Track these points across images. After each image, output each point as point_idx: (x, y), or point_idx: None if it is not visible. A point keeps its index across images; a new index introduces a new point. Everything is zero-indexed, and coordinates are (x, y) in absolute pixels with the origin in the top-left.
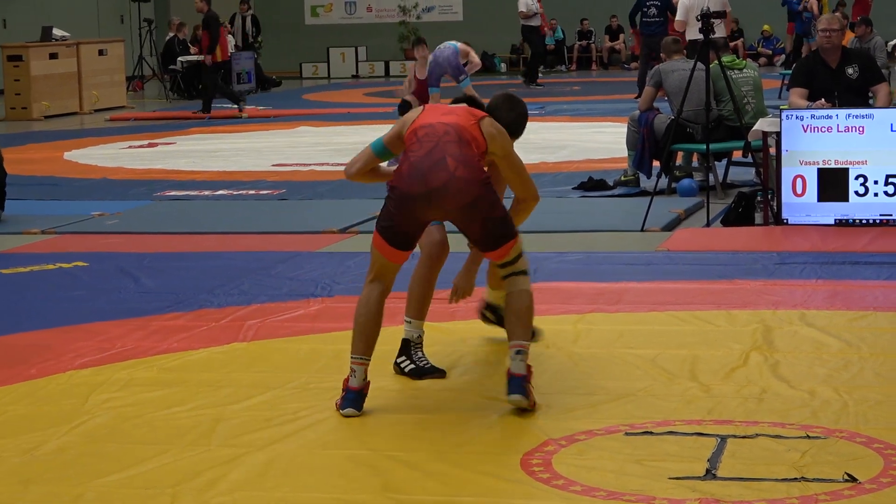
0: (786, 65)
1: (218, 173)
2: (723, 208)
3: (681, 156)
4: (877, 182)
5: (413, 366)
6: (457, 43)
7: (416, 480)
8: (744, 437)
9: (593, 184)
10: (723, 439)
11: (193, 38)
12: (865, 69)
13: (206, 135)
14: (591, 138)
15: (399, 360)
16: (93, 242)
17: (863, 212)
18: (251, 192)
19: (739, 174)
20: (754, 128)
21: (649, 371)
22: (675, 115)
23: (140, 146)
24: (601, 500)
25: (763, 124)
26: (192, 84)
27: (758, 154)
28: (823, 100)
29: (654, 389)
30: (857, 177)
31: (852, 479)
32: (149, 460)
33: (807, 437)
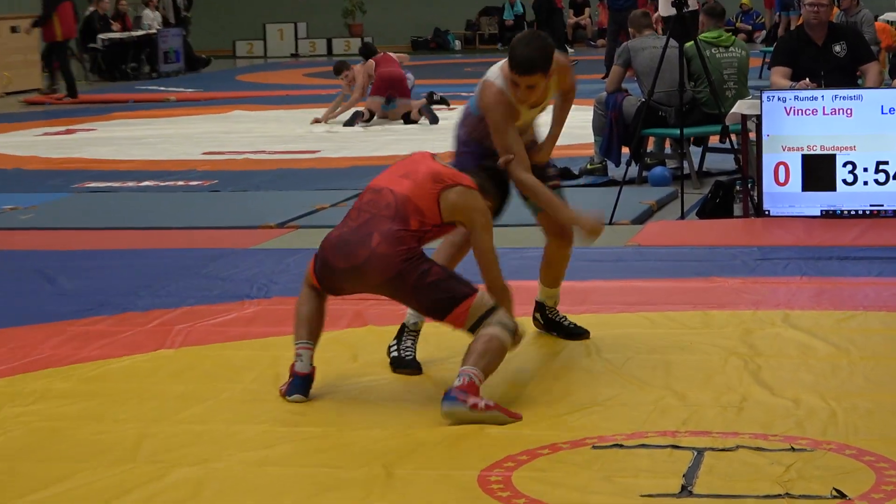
0: (766, 41)
1: (143, 162)
2: (698, 199)
3: (652, 141)
4: (866, 169)
5: (395, 354)
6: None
7: (361, 500)
8: (722, 449)
9: (557, 172)
10: (699, 453)
11: (116, 13)
12: (854, 47)
13: (129, 120)
14: None
15: (391, 345)
16: (4, 240)
17: (851, 202)
18: (180, 183)
19: (716, 162)
20: (732, 110)
21: (619, 378)
22: (646, 97)
23: (57, 133)
24: None
25: (742, 106)
26: (115, 64)
27: (737, 139)
28: (808, 80)
29: (624, 398)
30: (845, 164)
31: (841, 495)
32: (69, 479)
33: (791, 449)
